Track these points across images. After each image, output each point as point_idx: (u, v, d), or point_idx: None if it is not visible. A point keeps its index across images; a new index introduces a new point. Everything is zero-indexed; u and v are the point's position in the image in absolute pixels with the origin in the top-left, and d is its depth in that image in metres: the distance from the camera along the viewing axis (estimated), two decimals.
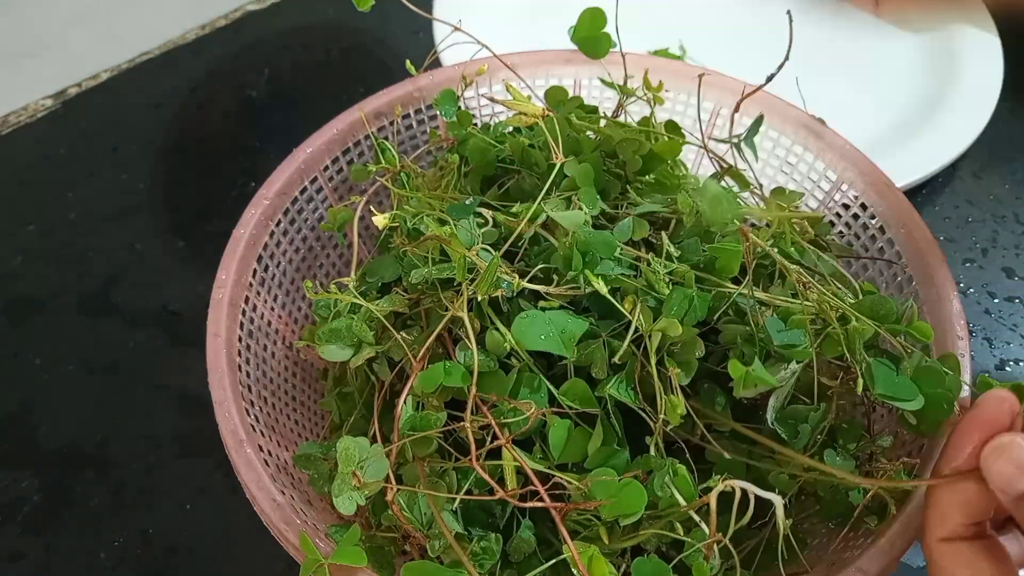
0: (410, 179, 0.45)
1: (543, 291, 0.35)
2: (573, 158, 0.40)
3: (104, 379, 0.57)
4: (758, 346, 0.34)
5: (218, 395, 0.37)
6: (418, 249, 0.37)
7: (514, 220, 0.38)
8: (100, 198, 0.67)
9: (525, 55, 0.50)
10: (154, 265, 0.63)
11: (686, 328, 0.33)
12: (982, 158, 0.67)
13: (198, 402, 0.55)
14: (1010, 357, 0.56)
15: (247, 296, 0.42)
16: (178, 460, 0.53)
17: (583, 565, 0.29)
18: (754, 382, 0.31)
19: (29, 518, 0.51)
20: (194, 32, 0.81)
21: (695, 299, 0.34)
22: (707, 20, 0.75)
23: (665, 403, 0.33)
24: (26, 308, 0.61)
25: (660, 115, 0.48)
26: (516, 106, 0.39)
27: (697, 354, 0.34)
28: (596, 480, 0.31)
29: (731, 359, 0.31)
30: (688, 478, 0.31)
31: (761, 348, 0.34)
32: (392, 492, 0.31)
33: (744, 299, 0.35)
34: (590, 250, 0.34)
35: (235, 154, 0.70)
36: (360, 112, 0.47)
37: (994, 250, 0.62)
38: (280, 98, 0.75)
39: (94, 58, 0.77)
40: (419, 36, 0.77)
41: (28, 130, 0.72)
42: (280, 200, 0.45)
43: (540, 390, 0.34)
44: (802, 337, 0.33)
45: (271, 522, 0.34)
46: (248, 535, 0.49)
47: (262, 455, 0.36)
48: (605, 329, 0.35)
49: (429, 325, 0.38)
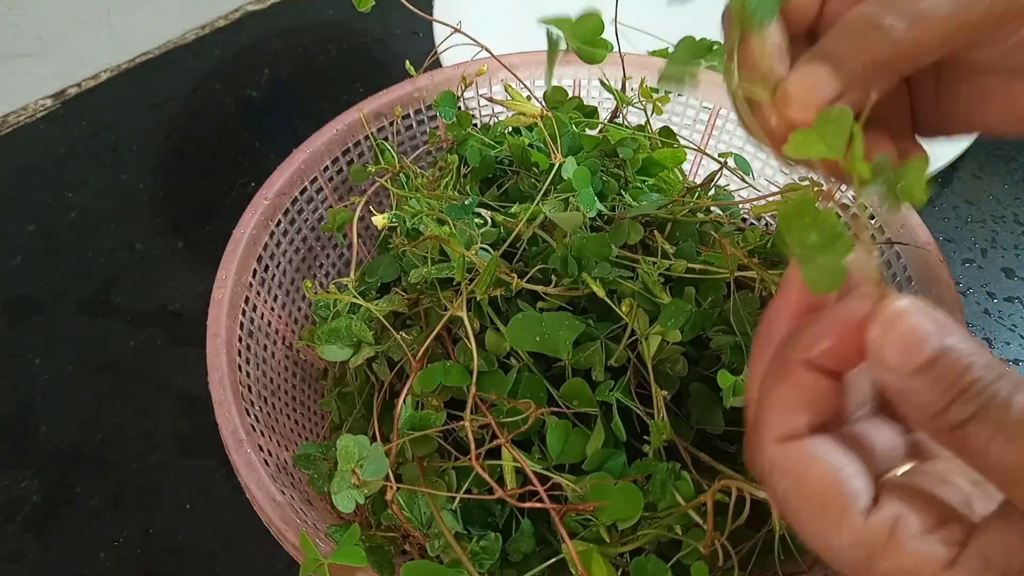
0: (409, 179, 0.45)
1: (541, 291, 0.35)
2: (572, 158, 0.40)
3: (104, 379, 0.57)
4: (747, 356, 0.34)
5: (218, 395, 0.37)
6: (417, 249, 0.37)
7: (513, 220, 0.38)
8: (100, 198, 0.68)
9: (524, 55, 0.50)
10: (154, 265, 0.63)
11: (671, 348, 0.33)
12: (982, 158, 0.67)
13: (198, 402, 0.55)
14: (1010, 357, 0.57)
15: (247, 296, 0.42)
16: (178, 460, 0.53)
17: (582, 565, 0.29)
18: (743, 391, 0.31)
19: (29, 518, 0.51)
20: (194, 32, 0.81)
21: (693, 315, 0.34)
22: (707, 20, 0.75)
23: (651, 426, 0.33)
24: (26, 308, 0.61)
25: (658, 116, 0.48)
26: (515, 106, 0.40)
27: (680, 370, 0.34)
28: (593, 483, 0.31)
29: (720, 371, 0.32)
30: (688, 479, 0.31)
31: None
32: (392, 491, 0.31)
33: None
34: (585, 254, 0.35)
35: (235, 154, 0.70)
36: (360, 113, 0.47)
37: (993, 250, 0.62)
38: (280, 98, 0.75)
39: (94, 58, 0.77)
40: (419, 36, 0.77)
41: (28, 130, 0.72)
42: (280, 200, 0.45)
43: (539, 390, 0.34)
44: None
45: (271, 522, 0.34)
46: (248, 535, 0.49)
47: (262, 455, 0.36)
48: (603, 331, 0.35)
49: (428, 325, 0.38)
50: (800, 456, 0.22)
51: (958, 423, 0.20)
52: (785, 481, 0.23)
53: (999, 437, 0.19)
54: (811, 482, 0.22)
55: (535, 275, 0.36)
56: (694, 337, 0.35)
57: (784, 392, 0.23)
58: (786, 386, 0.23)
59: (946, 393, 0.20)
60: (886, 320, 0.21)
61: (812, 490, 0.22)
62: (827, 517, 0.22)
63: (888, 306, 0.21)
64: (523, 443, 0.34)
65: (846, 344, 0.22)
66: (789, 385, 0.23)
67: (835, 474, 0.22)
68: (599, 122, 0.47)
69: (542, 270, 0.36)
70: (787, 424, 0.23)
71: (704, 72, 0.50)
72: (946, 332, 0.20)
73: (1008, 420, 0.19)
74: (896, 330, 0.21)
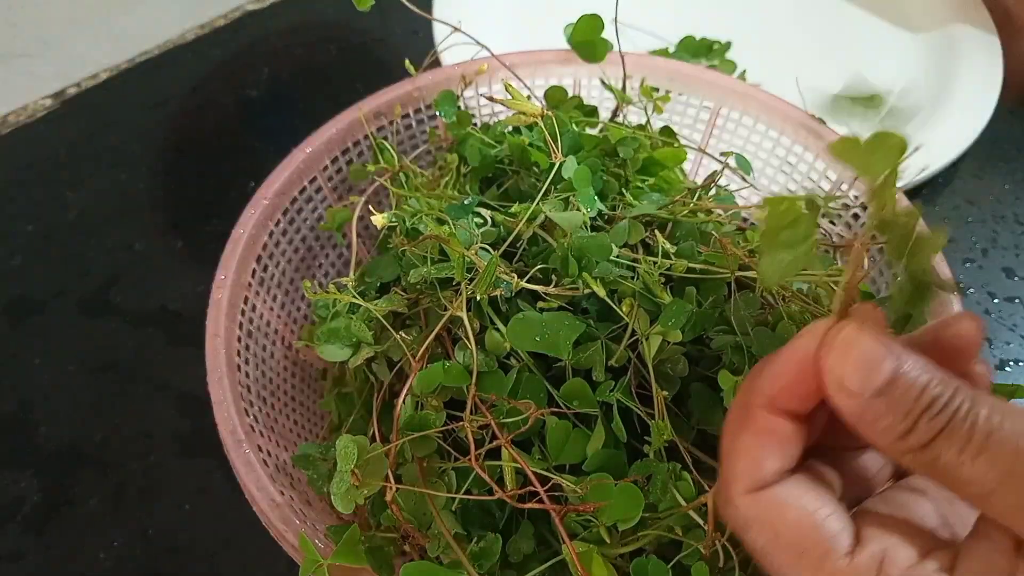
0: (409, 179, 0.45)
1: (542, 291, 0.35)
2: (572, 158, 0.40)
3: (104, 379, 0.57)
4: (747, 356, 0.34)
5: (218, 395, 0.37)
6: (417, 249, 0.37)
7: (513, 220, 0.38)
8: (100, 198, 0.67)
9: (524, 55, 0.50)
10: (154, 265, 0.63)
11: (672, 348, 0.33)
12: (982, 158, 0.67)
13: (198, 402, 0.55)
14: (1010, 357, 0.56)
15: (246, 296, 0.42)
16: (178, 460, 0.53)
17: (582, 566, 0.29)
18: None
19: (29, 518, 0.51)
20: (194, 32, 0.81)
21: (693, 315, 0.34)
22: (707, 20, 0.75)
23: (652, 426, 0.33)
24: (26, 308, 0.61)
25: (659, 116, 0.48)
26: (515, 106, 0.39)
27: (680, 371, 0.34)
28: (593, 483, 0.31)
29: (721, 371, 0.32)
30: (689, 480, 0.31)
31: (752, 358, 0.34)
32: (391, 492, 0.31)
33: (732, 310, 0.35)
34: (585, 254, 0.34)
35: (235, 154, 0.70)
36: (359, 112, 0.47)
37: (994, 250, 0.62)
38: (280, 98, 0.75)
39: (94, 58, 0.77)
40: (419, 36, 0.77)
41: (28, 130, 0.72)
42: (279, 200, 0.45)
43: (539, 390, 0.34)
44: None
45: (270, 522, 0.34)
46: (248, 535, 0.49)
47: (261, 455, 0.36)
48: (604, 331, 0.35)
49: (428, 325, 0.38)
50: (771, 504, 0.22)
51: (924, 443, 0.19)
52: (761, 533, 0.22)
53: (967, 452, 0.19)
54: (787, 530, 0.22)
55: (535, 275, 0.36)
56: (695, 337, 0.35)
57: (748, 441, 0.23)
58: (749, 434, 0.23)
59: (909, 415, 0.20)
60: (840, 346, 0.21)
61: (789, 538, 0.21)
62: (808, 563, 0.21)
63: (839, 333, 0.21)
64: (523, 443, 0.34)
65: (804, 380, 0.22)
66: (752, 432, 0.23)
67: (810, 518, 0.21)
68: (599, 121, 0.47)
69: (542, 270, 0.36)
70: (755, 474, 0.22)
71: (704, 72, 0.50)
72: (897, 353, 0.20)
73: (974, 435, 0.19)
74: (851, 355, 0.20)
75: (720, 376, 0.32)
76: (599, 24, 0.46)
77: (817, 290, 0.38)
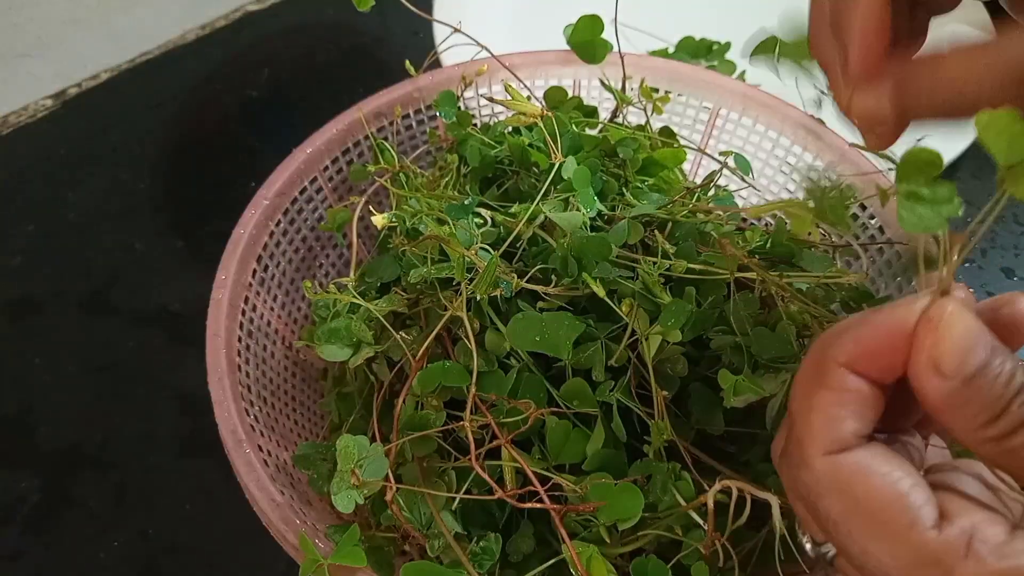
0: (409, 179, 0.45)
1: (542, 291, 0.35)
2: (572, 158, 0.40)
3: (104, 379, 0.57)
4: (747, 356, 0.34)
5: (218, 395, 0.37)
6: (417, 249, 0.37)
7: (513, 220, 0.38)
8: (100, 198, 0.67)
9: (524, 56, 0.50)
10: (154, 265, 0.63)
11: (671, 348, 0.33)
12: (982, 158, 0.67)
13: (198, 402, 0.55)
14: None
15: (247, 296, 0.42)
16: (178, 460, 0.53)
17: (582, 566, 0.29)
18: (744, 391, 0.31)
19: (29, 518, 0.51)
20: (194, 32, 0.81)
21: (693, 315, 0.34)
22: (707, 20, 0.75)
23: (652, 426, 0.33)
24: (26, 308, 0.61)
25: (659, 116, 0.48)
26: (515, 106, 0.40)
27: (680, 371, 0.34)
28: (593, 483, 0.31)
29: (720, 371, 0.32)
30: (688, 479, 0.31)
31: (751, 358, 0.34)
32: (391, 492, 0.31)
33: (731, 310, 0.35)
34: (585, 254, 0.34)
35: (235, 154, 0.70)
36: (360, 112, 0.47)
37: (994, 250, 0.62)
38: (280, 98, 0.75)
39: (94, 58, 0.77)
40: (419, 36, 0.77)
41: (28, 130, 0.72)
42: (280, 200, 0.45)
43: (539, 390, 0.34)
44: (789, 347, 0.33)
45: (270, 522, 0.34)
46: (248, 535, 0.49)
47: (262, 455, 0.36)
48: (604, 331, 0.35)
49: (428, 325, 0.38)
50: (853, 470, 0.21)
51: (1006, 432, 0.19)
52: (840, 500, 0.21)
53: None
54: (868, 499, 0.20)
55: (535, 275, 0.36)
56: (694, 337, 0.35)
57: (828, 397, 0.21)
58: (828, 391, 0.21)
59: (997, 403, 0.19)
60: (942, 326, 0.20)
61: (871, 507, 0.20)
62: (891, 534, 0.20)
63: (943, 312, 0.20)
64: (523, 443, 0.34)
65: (893, 352, 0.21)
66: (831, 389, 0.21)
67: (894, 487, 0.20)
68: (599, 122, 0.47)
69: (542, 270, 0.36)
70: (834, 434, 0.21)
71: (704, 72, 0.50)
72: (991, 339, 0.20)
73: None
74: (950, 336, 0.20)
75: (720, 376, 0.32)
76: (599, 25, 0.46)
77: (816, 290, 0.38)
